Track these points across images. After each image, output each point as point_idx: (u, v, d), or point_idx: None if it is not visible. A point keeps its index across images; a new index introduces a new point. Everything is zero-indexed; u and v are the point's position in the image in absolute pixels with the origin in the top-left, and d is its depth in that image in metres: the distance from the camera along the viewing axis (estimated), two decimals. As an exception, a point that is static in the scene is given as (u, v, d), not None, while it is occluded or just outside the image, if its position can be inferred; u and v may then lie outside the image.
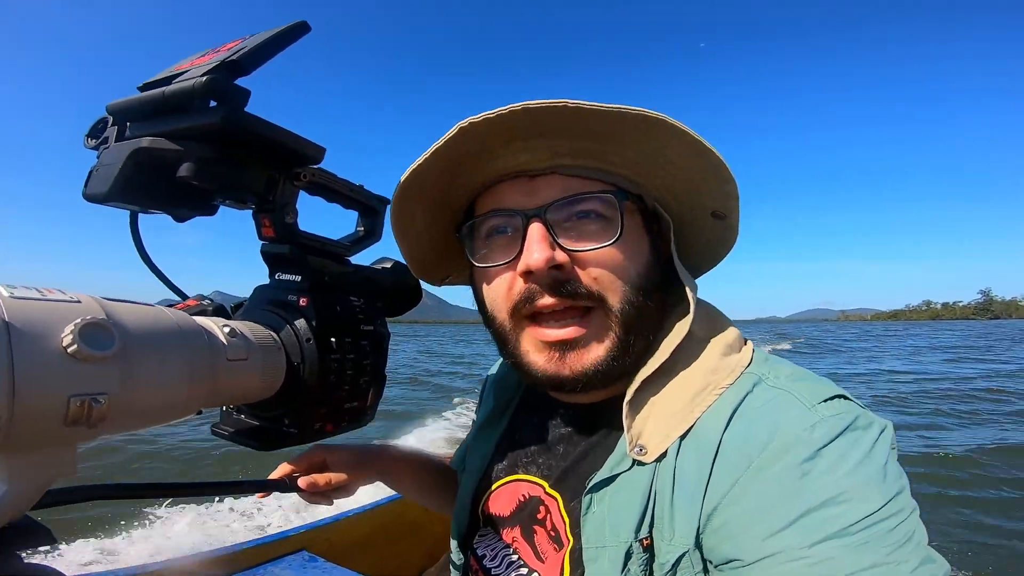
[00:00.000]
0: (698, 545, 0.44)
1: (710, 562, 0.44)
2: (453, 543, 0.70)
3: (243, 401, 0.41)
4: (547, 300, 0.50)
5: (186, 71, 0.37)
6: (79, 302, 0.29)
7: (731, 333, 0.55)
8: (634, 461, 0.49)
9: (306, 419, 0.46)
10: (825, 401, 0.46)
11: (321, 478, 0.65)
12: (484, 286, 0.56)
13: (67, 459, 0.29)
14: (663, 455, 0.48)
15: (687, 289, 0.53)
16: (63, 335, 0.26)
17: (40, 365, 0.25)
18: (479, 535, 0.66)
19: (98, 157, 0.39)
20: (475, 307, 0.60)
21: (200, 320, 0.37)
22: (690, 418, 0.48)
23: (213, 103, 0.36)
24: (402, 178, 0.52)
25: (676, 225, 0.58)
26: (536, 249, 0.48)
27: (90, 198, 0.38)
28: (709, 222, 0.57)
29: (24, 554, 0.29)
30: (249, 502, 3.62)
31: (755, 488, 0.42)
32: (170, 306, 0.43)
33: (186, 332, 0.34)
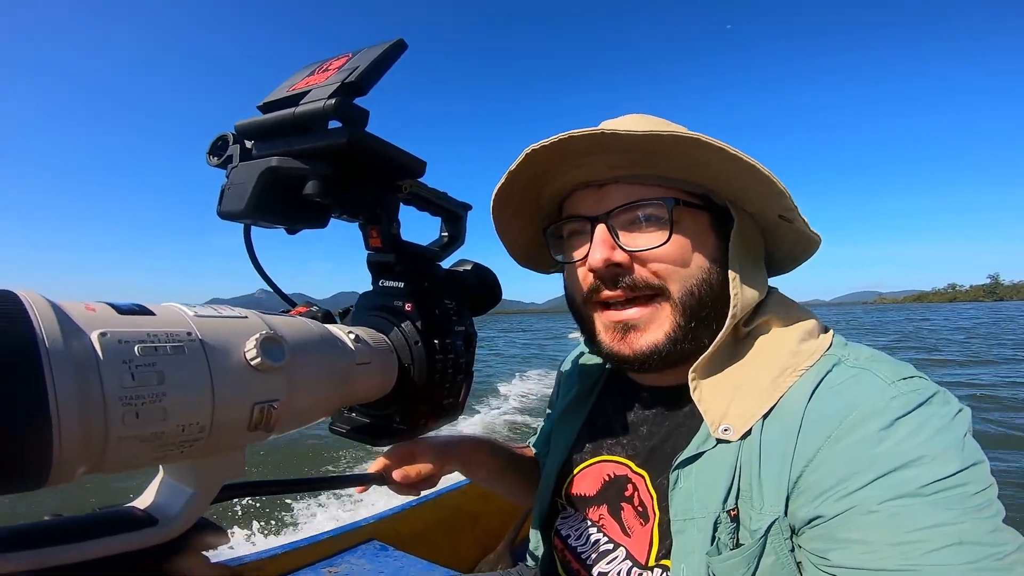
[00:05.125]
0: (786, 512, 0.47)
1: (794, 528, 0.47)
2: (534, 526, 0.73)
3: (365, 401, 0.44)
4: (609, 292, 0.58)
5: (305, 91, 0.39)
6: (246, 317, 0.31)
7: (809, 321, 0.58)
8: (718, 440, 0.52)
9: (414, 416, 0.48)
10: (905, 379, 0.48)
11: (412, 470, 0.68)
12: (567, 278, 0.65)
13: (239, 460, 0.32)
14: (747, 433, 0.51)
15: (730, 283, 0.55)
16: (245, 349, 0.28)
17: (232, 378, 0.28)
18: (561, 517, 0.69)
19: (227, 176, 0.41)
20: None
21: (331, 328, 0.40)
22: (772, 398, 0.51)
23: (333, 123, 0.38)
24: (492, 194, 0.62)
25: (761, 224, 0.61)
26: (598, 251, 0.56)
27: (225, 216, 0.40)
28: (781, 223, 0.59)
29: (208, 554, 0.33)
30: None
31: (835, 456, 0.45)
32: (284, 312, 0.46)
33: (327, 340, 0.37)
